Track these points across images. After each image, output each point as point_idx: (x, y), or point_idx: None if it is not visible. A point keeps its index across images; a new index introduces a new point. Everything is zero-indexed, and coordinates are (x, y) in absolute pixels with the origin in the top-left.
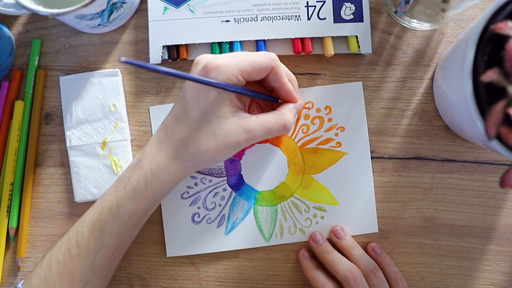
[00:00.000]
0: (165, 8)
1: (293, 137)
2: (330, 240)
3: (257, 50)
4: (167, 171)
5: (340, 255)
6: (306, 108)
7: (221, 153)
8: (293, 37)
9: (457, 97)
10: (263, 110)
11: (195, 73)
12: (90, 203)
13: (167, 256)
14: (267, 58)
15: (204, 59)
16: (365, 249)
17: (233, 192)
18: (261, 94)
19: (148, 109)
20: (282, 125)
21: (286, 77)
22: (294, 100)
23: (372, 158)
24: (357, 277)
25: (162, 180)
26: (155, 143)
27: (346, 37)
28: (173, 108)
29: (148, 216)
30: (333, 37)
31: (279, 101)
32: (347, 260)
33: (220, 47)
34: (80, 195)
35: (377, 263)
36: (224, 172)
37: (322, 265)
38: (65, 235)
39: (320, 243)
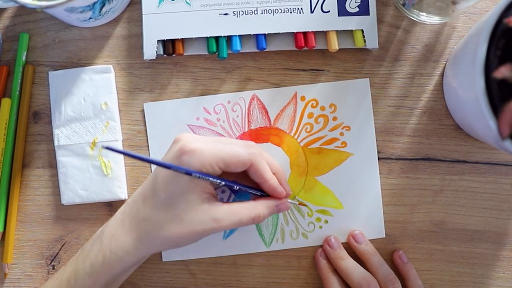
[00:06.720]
0: (160, 1)
1: (296, 137)
2: (347, 244)
3: (258, 45)
4: (127, 250)
5: (355, 262)
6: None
7: (185, 239)
8: (295, 31)
9: (468, 94)
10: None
11: (171, 153)
12: (80, 206)
13: (163, 260)
14: (247, 152)
15: (182, 140)
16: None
17: (232, 194)
18: (240, 184)
19: (142, 106)
20: (251, 218)
21: (271, 170)
22: (279, 196)
23: (379, 159)
24: (372, 286)
25: (120, 258)
26: (120, 217)
27: (351, 31)
28: (144, 184)
29: None
30: (337, 31)
31: (259, 194)
32: (362, 268)
33: (217, 42)
34: (67, 197)
35: (403, 272)
36: None
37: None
38: None
39: (335, 248)
